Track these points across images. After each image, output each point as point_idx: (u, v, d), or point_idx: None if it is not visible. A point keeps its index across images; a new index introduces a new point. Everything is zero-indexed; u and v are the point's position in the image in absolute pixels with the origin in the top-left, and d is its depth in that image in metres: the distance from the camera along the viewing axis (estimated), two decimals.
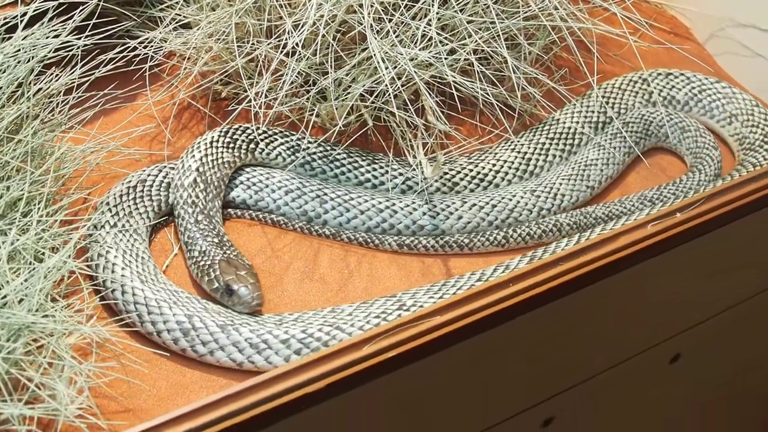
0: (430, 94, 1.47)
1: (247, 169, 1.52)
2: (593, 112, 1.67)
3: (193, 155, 1.46)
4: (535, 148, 1.61)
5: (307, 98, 1.53)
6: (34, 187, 1.31)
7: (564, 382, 1.40)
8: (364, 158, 1.55)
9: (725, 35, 1.85)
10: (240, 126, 1.53)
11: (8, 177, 1.31)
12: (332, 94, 1.51)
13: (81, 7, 1.43)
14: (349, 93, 1.50)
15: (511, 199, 1.52)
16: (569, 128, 1.64)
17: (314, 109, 1.54)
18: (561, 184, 1.55)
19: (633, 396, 1.56)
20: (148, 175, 1.47)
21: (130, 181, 1.45)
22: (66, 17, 1.42)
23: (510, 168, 1.59)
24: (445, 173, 1.55)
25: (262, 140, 1.52)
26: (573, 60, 1.68)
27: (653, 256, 1.29)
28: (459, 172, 1.56)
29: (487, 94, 1.50)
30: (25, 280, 1.18)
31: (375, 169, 1.54)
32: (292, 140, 1.54)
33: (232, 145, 1.49)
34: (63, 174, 1.40)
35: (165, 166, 1.49)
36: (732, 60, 1.85)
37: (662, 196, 1.57)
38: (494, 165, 1.58)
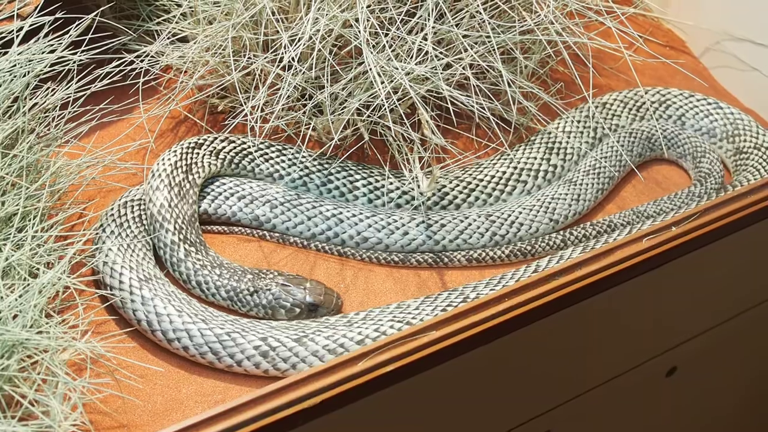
0: (426, 108, 1.47)
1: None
2: (587, 125, 1.67)
3: (167, 228, 1.41)
4: (527, 161, 1.61)
5: (304, 112, 1.53)
6: (29, 202, 1.31)
7: (562, 396, 1.40)
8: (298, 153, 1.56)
9: (721, 49, 1.86)
10: (167, 159, 1.47)
11: (3, 192, 1.31)
12: (328, 108, 1.51)
13: (77, 22, 1.44)
14: (345, 107, 1.50)
15: (462, 221, 1.51)
16: (561, 141, 1.64)
17: (310, 123, 1.54)
18: (521, 213, 1.54)
19: (631, 408, 1.55)
20: (122, 215, 1.43)
21: (116, 234, 1.41)
22: (62, 32, 1.42)
23: (501, 180, 1.59)
24: (443, 186, 1.55)
25: (193, 163, 1.48)
26: (569, 74, 1.68)
27: (652, 268, 1.29)
28: (454, 188, 1.57)
29: (483, 108, 1.50)
30: (20, 296, 1.18)
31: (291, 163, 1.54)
32: (209, 143, 1.52)
33: (183, 193, 1.45)
34: (58, 189, 1.40)
35: (135, 201, 1.46)
36: (727, 74, 1.85)
37: (708, 190, 1.60)
38: (484, 178, 1.58)
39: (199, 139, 1.51)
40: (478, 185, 1.57)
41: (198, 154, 1.49)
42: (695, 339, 1.50)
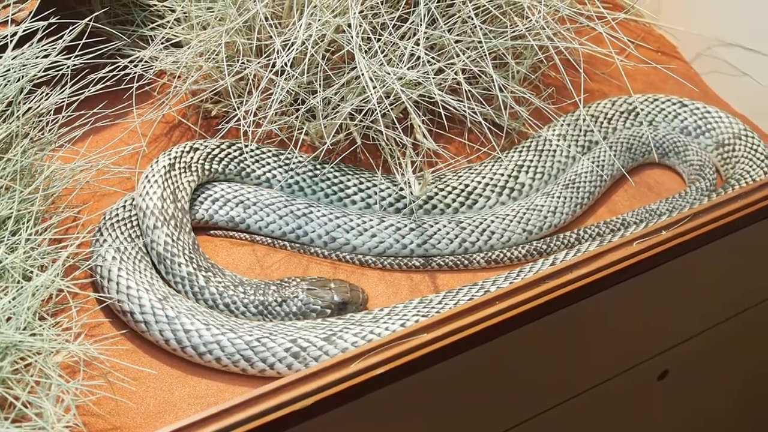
0: (418, 113, 1.48)
1: None
2: (579, 130, 1.68)
3: (179, 263, 1.40)
4: (521, 166, 1.62)
5: (296, 117, 1.54)
6: (23, 206, 1.31)
7: (555, 398, 1.40)
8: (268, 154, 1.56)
9: (712, 54, 1.87)
10: (153, 192, 1.45)
11: None
12: (321, 113, 1.52)
13: (71, 27, 1.44)
14: (337, 112, 1.51)
15: (432, 226, 1.51)
16: (553, 146, 1.65)
17: (303, 128, 1.55)
18: (493, 222, 1.54)
19: (625, 411, 1.56)
20: (116, 239, 1.42)
21: (119, 259, 1.39)
22: (56, 37, 1.43)
23: (494, 185, 1.59)
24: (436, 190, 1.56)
25: (176, 188, 1.47)
26: (560, 79, 1.69)
27: (644, 271, 1.29)
28: (443, 189, 1.57)
29: (475, 112, 1.51)
30: (13, 299, 1.18)
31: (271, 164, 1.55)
32: (179, 158, 1.51)
33: (178, 224, 1.43)
34: (52, 192, 1.40)
35: (120, 219, 1.45)
36: (719, 79, 1.86)
37: (712, 183, 1.63)
38: (479, 182, 1.59)
39: (168, 158, 1.49)
40: (449, 193, 1.57)
41: (176, 176, 1.47)
42: (687, 342, 1.50)
